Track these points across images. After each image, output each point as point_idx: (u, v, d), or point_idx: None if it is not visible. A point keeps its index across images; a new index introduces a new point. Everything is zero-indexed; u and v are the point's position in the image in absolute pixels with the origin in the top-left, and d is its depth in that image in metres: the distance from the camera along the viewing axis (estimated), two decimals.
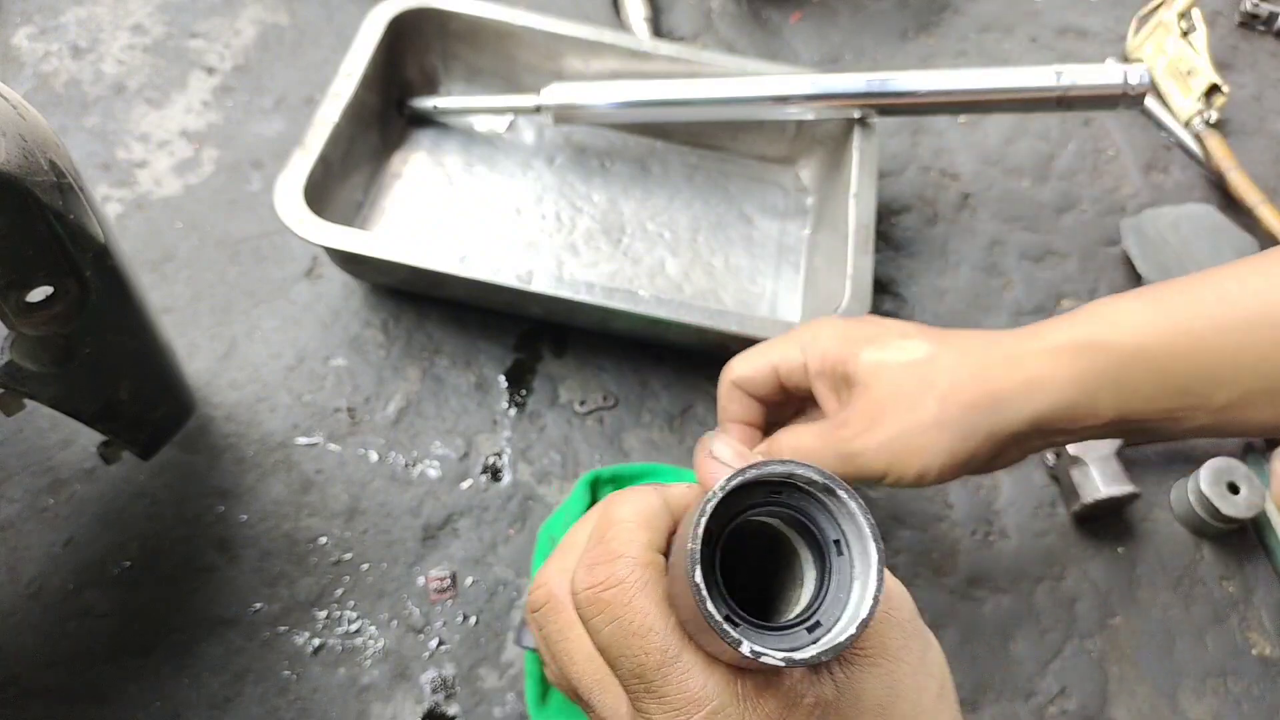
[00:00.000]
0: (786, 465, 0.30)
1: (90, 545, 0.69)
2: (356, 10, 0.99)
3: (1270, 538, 0.78)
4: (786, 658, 0.28)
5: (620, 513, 0.34)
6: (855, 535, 0.30)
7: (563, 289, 0.72)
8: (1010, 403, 0.50)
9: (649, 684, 0.30)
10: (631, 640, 0.31)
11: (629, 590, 0.31)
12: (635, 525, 0.33)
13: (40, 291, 0.49)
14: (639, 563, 0.32)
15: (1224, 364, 0.48)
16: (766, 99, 0.83)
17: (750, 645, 0.28)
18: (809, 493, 0.31)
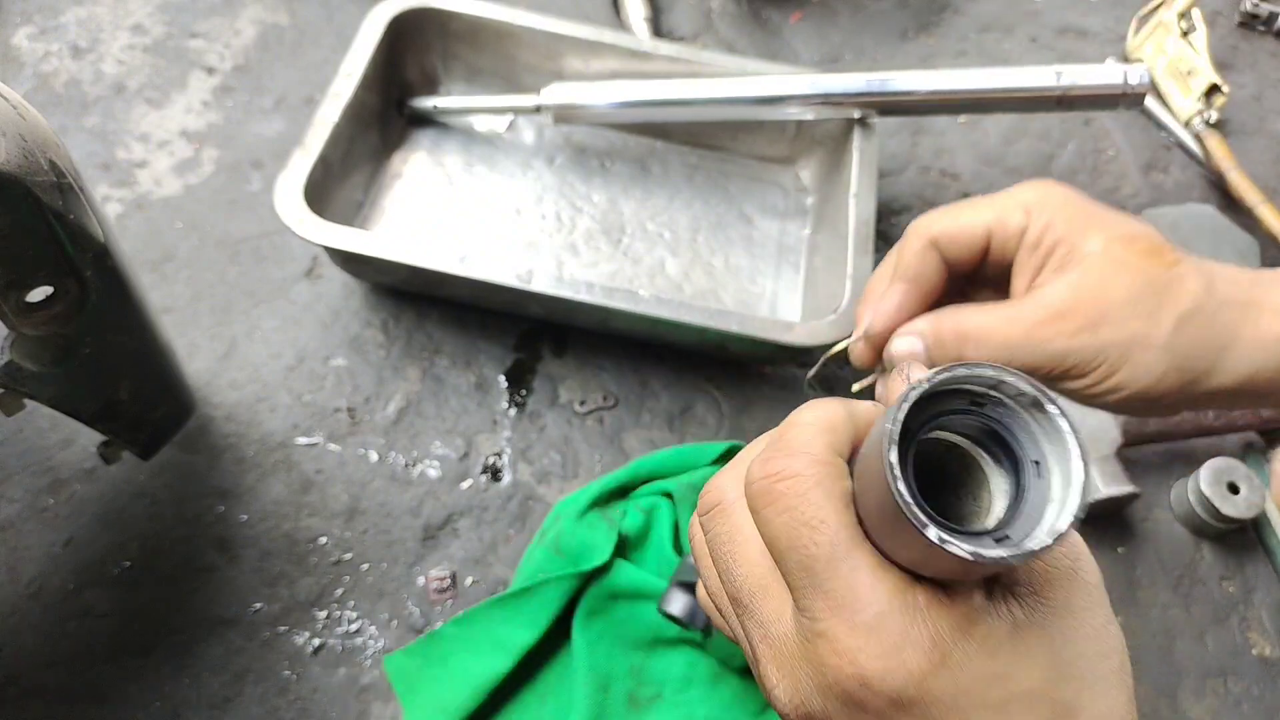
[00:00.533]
0: (997, 371, 0.28)
1: (90, 545, 0.69)
2: (356, 10, 0.99)
3: (1270, 538, 0.78)
4: (974, 552, 0.26)
5: (803, 417, 0.34)
6: (1058, 457, 0.28)
7: (563, 289, 0.72)
8: (1239, 352, 0.45)
9: (816, 577, 0.30)
10: (803, 531, 0.31)
11: (805, 482, 0.31)
12: (817, 429, 0.33)
13: (40, 291, 0.49)
14: (817, 460, 0.32)
15: None
16: (767, 99, 0.83)
17: (938, 532, 0.26)
18: (1011, 406, 0.29)
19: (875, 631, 0.29)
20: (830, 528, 0.30)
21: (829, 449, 0.32)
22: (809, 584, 0.30)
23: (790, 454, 0.32)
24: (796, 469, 0.31)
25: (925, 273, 0.50)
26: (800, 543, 0.31)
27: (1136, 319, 0.45)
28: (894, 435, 0.27)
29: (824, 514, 0.30)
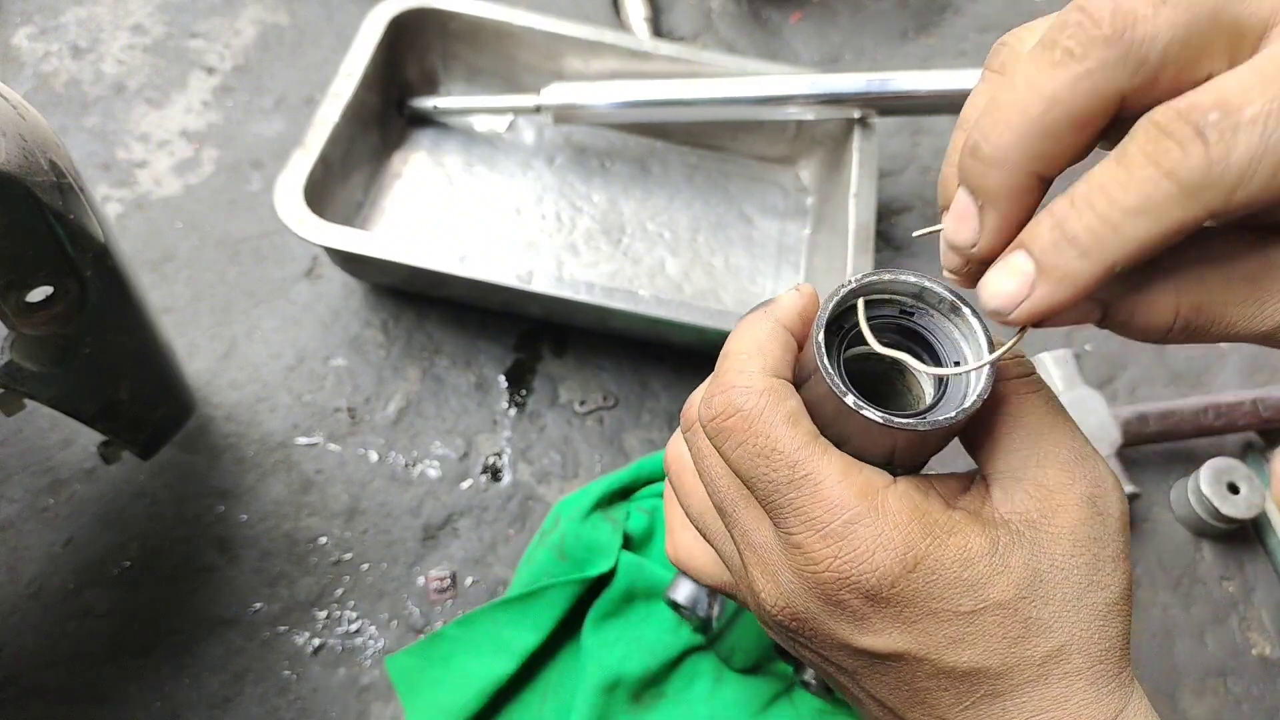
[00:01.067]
0: (919, 279, 0.32)
1: (90, 545, 0.69)
2: (356, 10, 0.99)
3: (1270, 538, 0.78)
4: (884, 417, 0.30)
5: (731, 346, 0.35)
6: (975, 354, 0.32)
7: (563, 289, 0.72)
8: None
9: (781, 499, 0.31)
10: (758, 461, 0.32)
11: (748, 416, 0.32)
12: (747, 355, 0.34)
13: (40, 291, 0.49)
14: (754, 389, 0.32)
15: None
16: (766, 99, 0.83)
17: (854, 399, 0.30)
18: (933, 312, 0.33)
19: (845, 538, 0.30)
20: (783, 454, 0.31)
21: (762, 373, 0.33)
22: (777, 505, 0.32)
23: (727, 388, 0.33)
24: (737, 404, 0.32)
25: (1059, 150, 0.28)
26: (759, 472, 0.32)
27: None
28: (822, 320, 0.31)
29: (773, 441, 0.32)
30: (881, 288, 0.33)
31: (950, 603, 0.30)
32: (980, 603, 0.30)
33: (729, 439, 0.33)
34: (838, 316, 0.33)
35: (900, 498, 0.31)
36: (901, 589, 0.30)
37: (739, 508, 0.34)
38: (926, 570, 0.30)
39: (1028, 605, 0.30)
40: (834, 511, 0.30)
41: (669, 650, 0.64)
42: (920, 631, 0.30)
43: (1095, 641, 0.31)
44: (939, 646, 0.30)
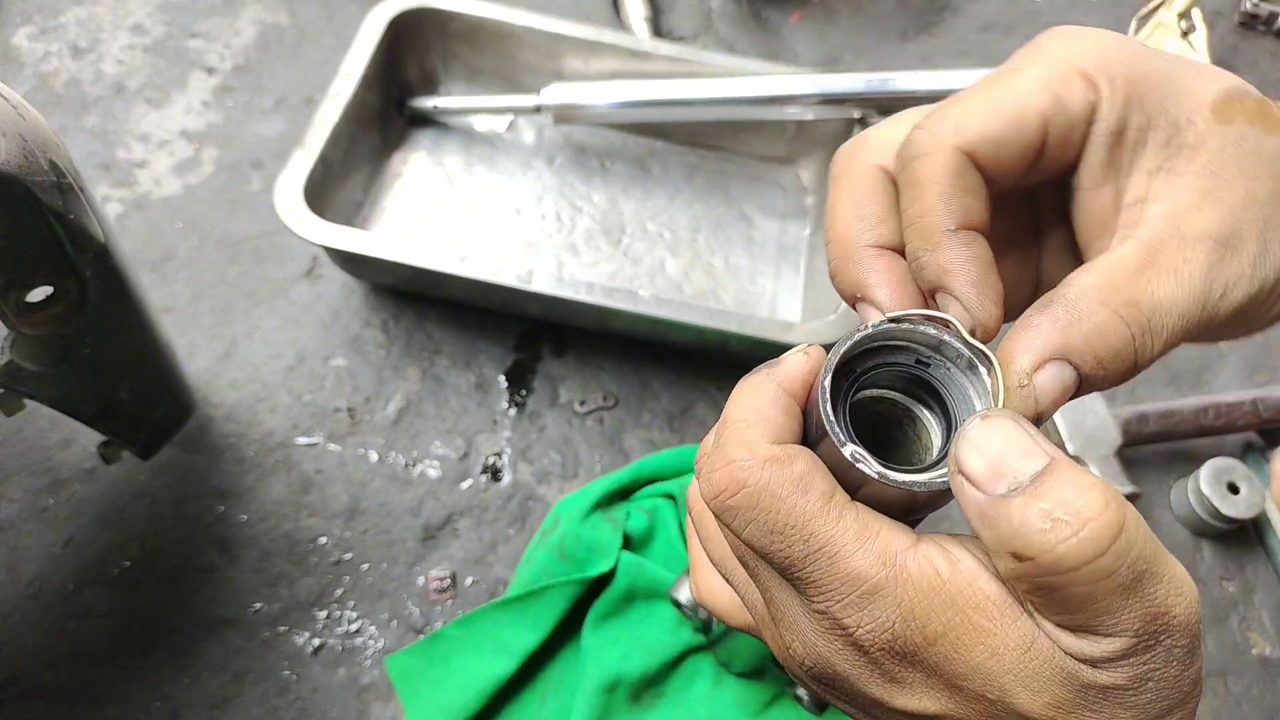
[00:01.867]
0: (939, 331, 0.30)
1: (90, 545, 0.69)
2: (356, 10, 0.99)
3: (1270, 538, 0.78)
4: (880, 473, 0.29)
5: (730, 413, 0.32)
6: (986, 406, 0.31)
7: (563, 289, 0.72)
8: None
9: (800, 573, 0.30)
10: (772, 538, 0.30)
11: (753, 493, 0.30)
12: (745, 423, 0.32)
13: (40, 291, 0.49)
14: (755, 462, 0.31)
15: None
16: (766, 99, 0.83)
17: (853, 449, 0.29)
18: (950, 367, 0.31)
19: (864, 609, 0.29)
20: (795, 526, 0.30)
21: (762, 441, 0.31)
22: (797, 577, 0.30)
23: (728, 463, 0.31)
24: (740, 479, 0.30)
25: (980, 209, 0.33)
26: (774, 549, 0.30)
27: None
28: (830, 366, 0.30)
29: (783, 515, 0.30)
30: (900, 335, 0.31)
31: (975, 684, 0.28)
32: (1009, 701, 0.28)
33: (736, 517, 0.31)
34: (849, 361, 0.31)
35: (920, 565, 0.29)
36: (925, 657, 0.29)
37: (761, 566, 0.33)
38: (949, 646, 0.28)
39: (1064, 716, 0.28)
40: (852, 583, 0.29)
41: (669, 650, 0.64)
42: (953, 700, 0.29)
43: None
44: (977, 716, 0.29)
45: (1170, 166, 0.32)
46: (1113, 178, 0.33)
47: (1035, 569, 0.27)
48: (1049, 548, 0.26)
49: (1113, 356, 0.30)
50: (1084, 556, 0.26)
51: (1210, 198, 0.31)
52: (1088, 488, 0.27)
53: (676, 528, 0.69)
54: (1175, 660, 0.28)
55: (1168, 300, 0.30)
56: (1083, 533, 0.26)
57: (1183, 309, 0.31)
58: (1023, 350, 0.30)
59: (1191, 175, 0.31)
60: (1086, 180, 0.34)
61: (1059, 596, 0.27)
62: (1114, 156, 0.33)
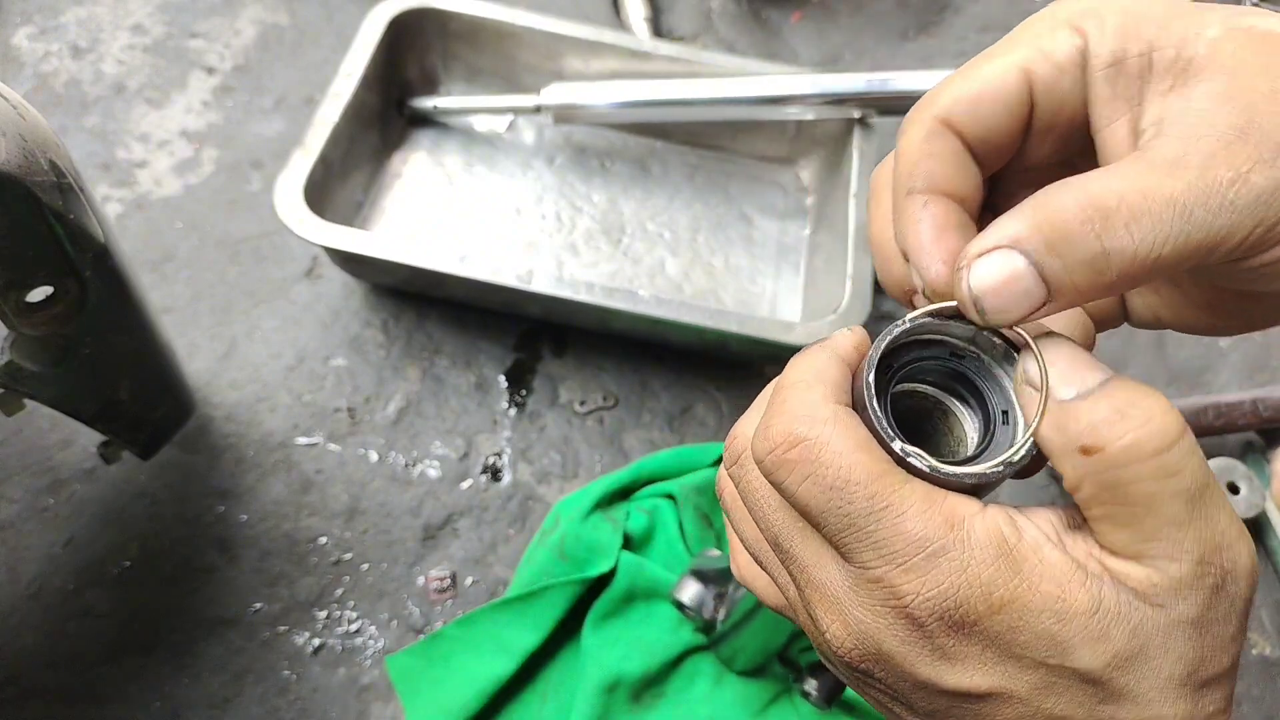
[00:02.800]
0: (969, 328, 0.30)
1: (90, 545, 0.69)
2: (356, 10, 0.99)
3: (1270, 538, 0.78)
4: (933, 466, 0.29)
5: (787, 378, 0.32)
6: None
7: (563, 289, 0.72)
8: None
9: (859, 532, 0.29)
10: (830, 494, 0.29)
11: (814, 445, 0.29)
12: (806, 383, 0.31)
13: (40, 291, 0.49)
14: (819, 418, 0.30)
15: None
16: (766, 99, 0.83)
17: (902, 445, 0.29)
18: (985, 359, 0.31)
19: (929, 572, 0.28)
20: (859, 481, 0.29)
21: (827, 400, 0.30)
22: (852, 539, 0.29)
23: (791, 418, 0.30)
24: (801, 433, 0.30)
25: (948, 174, 0.31)
26: (831, 505, 0.29)
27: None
28: (873, 361, 0.30)
29: (846, 470, 0.29)
30: (935, 329, 0.31)
31: (1037, 652, 0.28)
32: (1071, 662, 0.28)
33: (793, 472, 0.30)
34: (886, 356, 0.31)
35: (988, 529, 0.28)
36: (986, 626, 0.28)
37: (795, 544, 0.32)
38: (1014, 614, 0.28)
39: (1121, 676, 0.28)
40: (918, 544, 0.28)
41: (669, 650, 0.64)
42: (1007, 674, 0.28)
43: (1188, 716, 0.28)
44: (1029, 690, 0.28)
45: (1183, 80, 0.29)
46: (1124, 110, 0.30)
47: (1105, 461, 0.27)
48: (1120, 435, 0.26)
49: (1064, 240, 0.27)
50: (1154, 445, 0.26)
51: (1225, 97, 0.27)
52: (1151, 393, 0.27)
53: (676, 528, 0.69)
54: (1234, 615, 0.28)
55: (1153, 186, 0.26)
56: (1152, 424, 0.26)
57: (1173, 197, 0.26)
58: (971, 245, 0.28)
59: (1206, 81, 0.28)
60: (1099, 120, 0.30)
61: (1125, 496, 0.27)
62: (1120, 90, 0.30)
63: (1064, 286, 0.27)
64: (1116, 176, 0.27)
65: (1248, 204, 0.26)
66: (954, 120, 0.31)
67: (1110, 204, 0.26)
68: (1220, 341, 0.90)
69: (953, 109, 0.31)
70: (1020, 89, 0.31)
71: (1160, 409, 0.27)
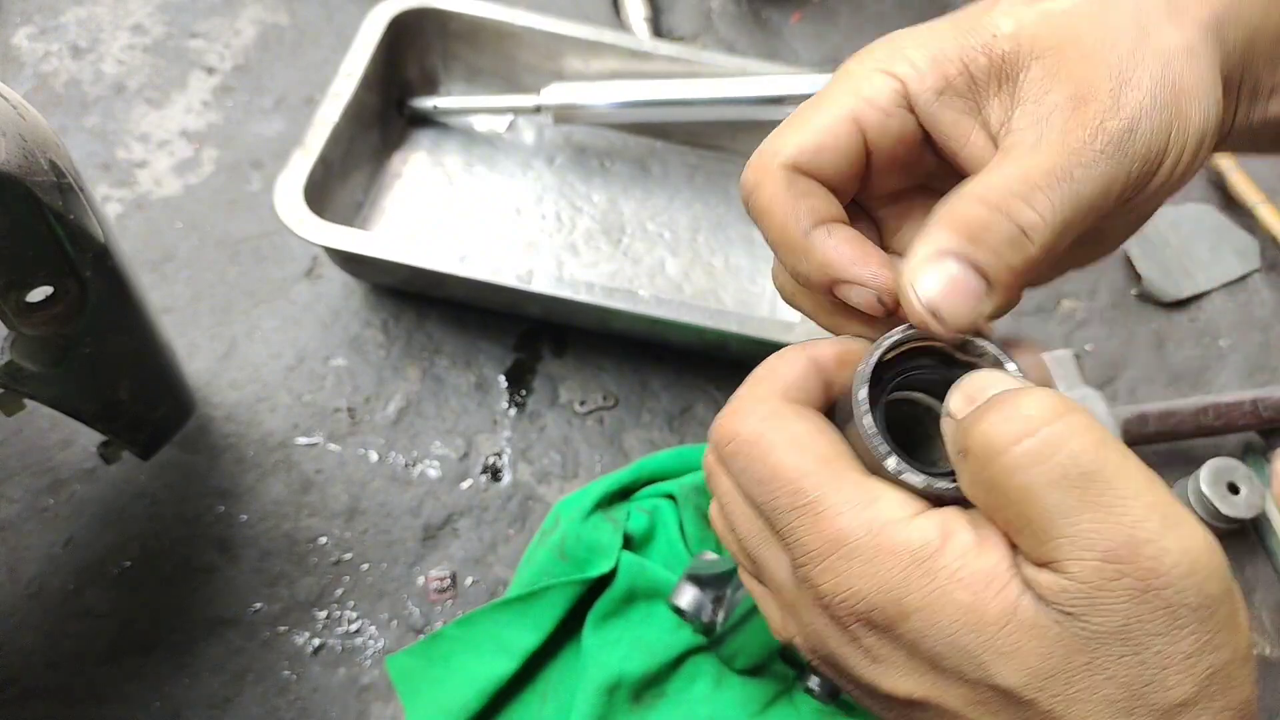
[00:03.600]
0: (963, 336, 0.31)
1: (90, 545, 0.69)
2: (356, 10, 0.99)
3: (1270, 538, 0.78)
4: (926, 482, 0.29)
5: (755, 373, 0.33)
6: None
7: (563, 289, 0.72)
8: (1231, 20, 0.32)
9: (784, 528, 0.30)
10: (759, 488, 0.30)
11: (747, 440, 0.31)
12: (757, 379, 0.33)
13: (40, 291, 0.49)
14: (756, 413, 0.31)
15: None
16: (767, 99, 0.83)
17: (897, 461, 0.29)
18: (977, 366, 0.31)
19: (840, 574, 0.28)
20: (782, 478, 0.30)
21: (773, 395, 0.32)
22: (786, 535, 0.30)
23: (738, 414, 0.32)
24: (741, 430, 0.31)
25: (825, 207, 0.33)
26: (764, 501, 0.30)
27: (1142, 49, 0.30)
28: (865, 375, 0.30)
29: (771, 466, 0.30)
30: (923, 337, 0.32)
31: (954, 664, 0.27)
32: (990, 678, 0.26)
33: (732, 464, 0.31)
34: (877, 370, 0.31)
35: (910, 534, 0.28)
36: (901, 632, 0.27)
37: (757, 544, 0.32)
38: (924, 621, 0.27)
39: (1046, 696, 0.25)
40: (834, 543, 0.28)
41: (670, 651, 0.64)
42: (936, 685, 0.28)
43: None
44: (961, 704, 0.27)
45: (1008, 78, 0.31)
46: (970, 124, 0.32)
47: (975, 459, 0.27)
48: (981, 430, 0.26)
49: (983, 232, 0.29)
50: (1014, 431, 0.26)
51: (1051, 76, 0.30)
52: (1041, 395, 0.26)
53: (677, 528, 0.69)
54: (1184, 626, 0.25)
55: (1031, 167, 0.29)
56: (1016, 412, 0.26)
57: (1050, 168, 0.29)
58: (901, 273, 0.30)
59: (1027, 70, 0.30)
60: (955, 143, 0.33)
61: (1005, 493, 0.26)
62: (958, 109, 0.32)
63: (999, 271, 0.29)
64: (997, 172, 0.30)
65: (1115, 148, 0.29)
66: (802, 165, 0.33)
67: (1006, 191, 0.29)
68: (1220, 341, 0.90)
69: (798, 158, 0.33)
70: (853, 136, 0.33)
71: (1032, 398, 0.26)
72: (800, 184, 0.33)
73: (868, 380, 0.30)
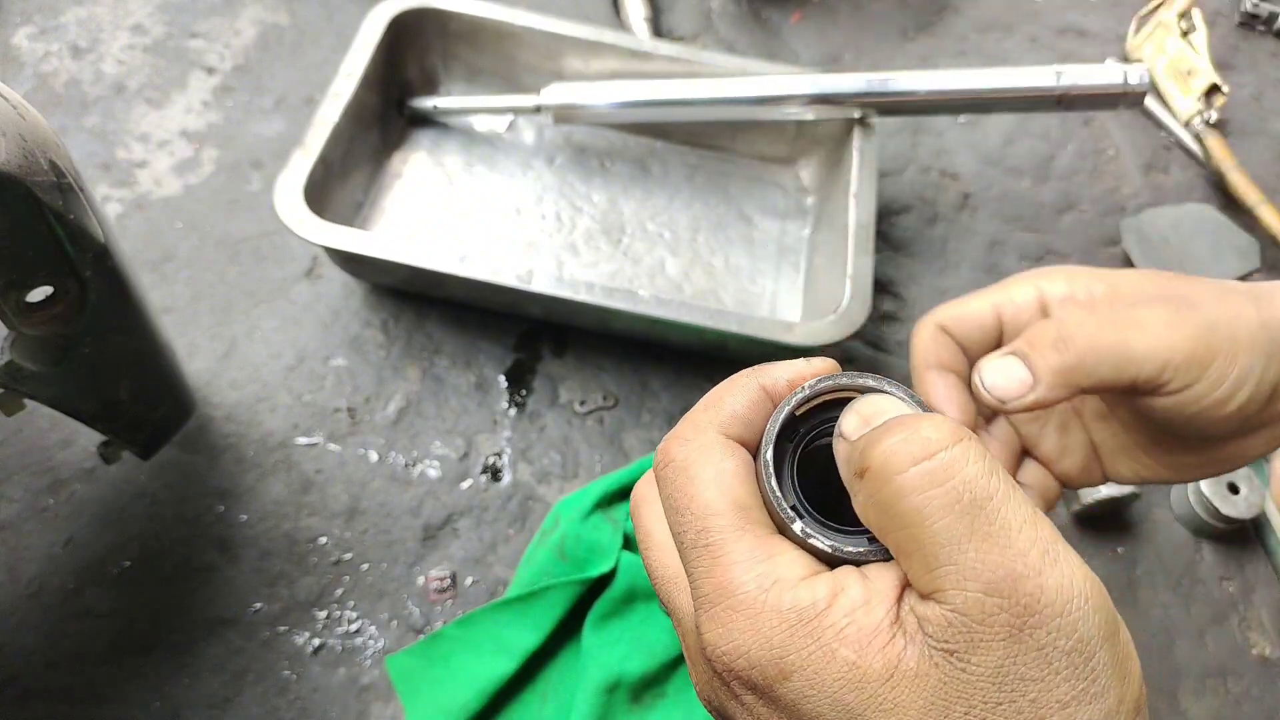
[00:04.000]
0: (878, 381, 0.30)
1: (90, 545, 0.69)
2: (356, 10, 0.99)
3: (1270, 538, 0.78)
4: (834, 546, 0.29)
5: (705, 398, 0.33)
6: None
7: (563, 289, 0.72)
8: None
9: (690, 564, 0.30)
10: (674, 514, 0.31)
11: (677, 467, 0.31)
12: (703, 407, 0.33)
13: (40, 291, 0.49)
14: (691, 442, 0.31)
15: None
16: (767, 99, 0.83)
17: (803, 525, 0.29)
18: None
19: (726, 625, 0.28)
20: (694, 512, 0.30)
21: (712, 427, 0.32)
22: (688, 569, 0.30)
23: (678, 437, 0.32)
24: (676, 455, 0.31)
25: (947, 357, 0.47)
26: (676, 528, 0.31)
27: (1217, 300, 0.41)
28: (771, 437, 0.30)
29: (689, 498, 0.30)
30: (839, 389, 0.31)
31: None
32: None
33: (663, 485, 0.32)
34: (793, 421, 0.31)
35: (798, 594, 0.27)
36: (780, 693, 0.27)
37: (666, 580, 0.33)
38: (805, 682, 0.26)
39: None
40: (724, 592, 0.28)
41: (669, 650, 0.64)
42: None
43: None
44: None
45: (1106, 300, 0.45)
46: None
47: (871, 478, 0.27)
48: (880, 450, 0.27)
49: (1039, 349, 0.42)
50: (913, 452, 0.26)
51: (1149, 281, 0.44)
52: (940, 420, 0.27)
53: None
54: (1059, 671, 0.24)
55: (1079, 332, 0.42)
56: (916, 434, 0.26)
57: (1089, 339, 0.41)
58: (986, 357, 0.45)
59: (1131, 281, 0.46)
60: None
61: (897, 515, 0.26)
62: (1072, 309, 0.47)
63: (1042, 373, 0.41)
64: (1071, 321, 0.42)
65: (1136, 355, 0.40)
66: (947, 326, 0.47)
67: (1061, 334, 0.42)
68: None
69: (945, 321, 0.47)
70: (992, 315, 0.47)
71: (931, 422, 0.27)
72: (940, 339, 0.47)
73: (773, 442, 0.30)
